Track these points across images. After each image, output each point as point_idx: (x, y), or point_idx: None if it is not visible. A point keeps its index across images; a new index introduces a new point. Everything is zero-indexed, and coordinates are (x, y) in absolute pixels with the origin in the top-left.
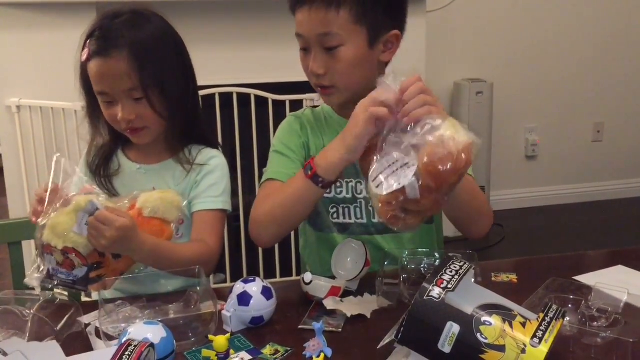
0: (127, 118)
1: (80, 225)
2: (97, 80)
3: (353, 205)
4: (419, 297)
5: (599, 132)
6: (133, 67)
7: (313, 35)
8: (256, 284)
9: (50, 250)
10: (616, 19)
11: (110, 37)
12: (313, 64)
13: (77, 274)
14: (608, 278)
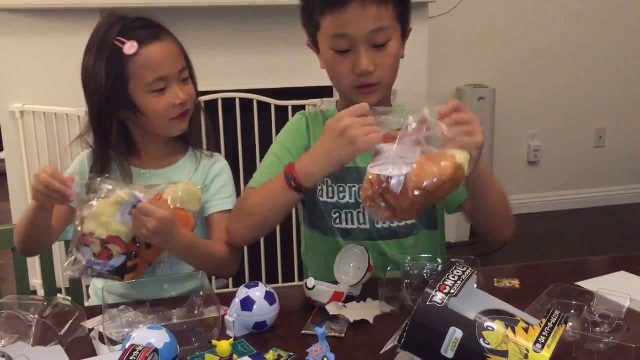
0: (185, 98)
1: (123, 215)
2: (157, 65)
3: (356, 211)
4: (422, 302)
5: (601, 138)
6: (180, 48)
7: (365, 32)
8: (259, 289)
9: (88, 241)
10: (618, 26)
11: (151, 25)
12: (364, 62)
13: (114, 264)
14: (610, 284)
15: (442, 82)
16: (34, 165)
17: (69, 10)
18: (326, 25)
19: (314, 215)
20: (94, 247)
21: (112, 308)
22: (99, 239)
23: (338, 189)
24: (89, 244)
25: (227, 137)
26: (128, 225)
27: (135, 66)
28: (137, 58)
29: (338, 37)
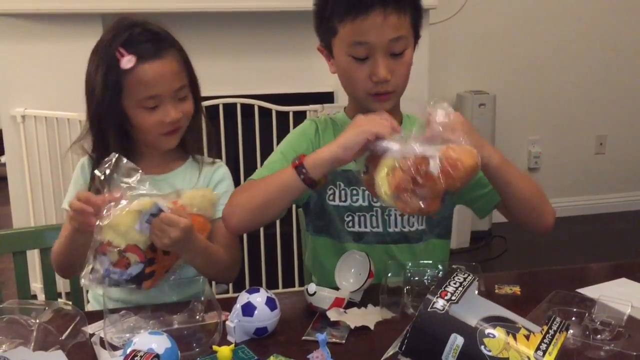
0: (177, 117)
1: (141, 223)
2: (149, 84)
3: (369, 214)
4: (423, 308)
5: (602, 145)
6: (182, 66)
7: (385, 41)
8: (260, 295)
9: (105, 250)
10: (619, 33)
11: (154, 40)
12: (382, 70)
13: (132, 272)
14: (611, 291)
15: (443, 88)
16: (35, 169)
17: (71, 15)
18: (345, 31)
19: (321, 221)
20: (111, 256)
21: (112, 313)
22: (116, 248)
23: (351, 191)
24: (106, 253)
25: (228, 142)
26: (146, 233)
27: (130, 80)
28: (133, 73)
29: (357, 45)
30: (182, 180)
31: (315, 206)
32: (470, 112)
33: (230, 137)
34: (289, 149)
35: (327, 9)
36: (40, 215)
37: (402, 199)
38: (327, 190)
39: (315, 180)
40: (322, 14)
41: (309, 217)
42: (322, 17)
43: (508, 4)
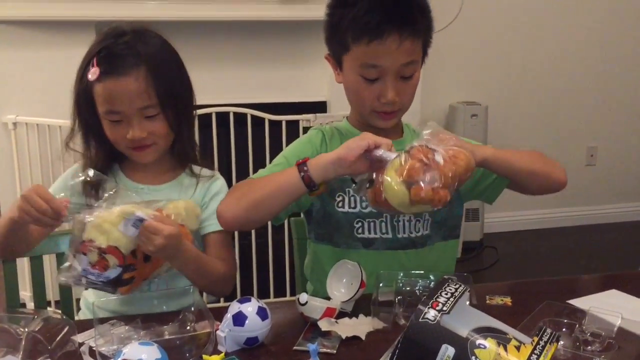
0: (140, 136)
1: (126, 226)
2: (109, 100)
3: (379, 220)
4: (415, 319)
5: (592, 156)
6: (151, 85)
7: (397, 65)
8: (251, 304)
9: (86, 249)
10: (609, 44)
11: (124, 55)
12: (390, 93)
13: (109, 275)
14: (602, 302)
15: (435, 99)
16: (26, 176)
17: (64, 22)
18: (358, 51)
19: (323, 229)
20: (90, 256)
21: (103, 322)
22: (97, 248)
23: (360, 198)
24: (86, 252)
25: (221, 151)
26: (129, 236)
27: (95, 92)
28: (96, 86)
29: (369, 67)
30: (179, 191)
31: (318, 214)
32: (462, 122)
33: (223, 145)
34: (293, 154)
35: (343, 25)
36: None
37: (416, 183)
38: (337, 197)
39: (314, 182)
40: (336, 28)
41: (311, 224)
42: (335, 31)
43: (500, 16)
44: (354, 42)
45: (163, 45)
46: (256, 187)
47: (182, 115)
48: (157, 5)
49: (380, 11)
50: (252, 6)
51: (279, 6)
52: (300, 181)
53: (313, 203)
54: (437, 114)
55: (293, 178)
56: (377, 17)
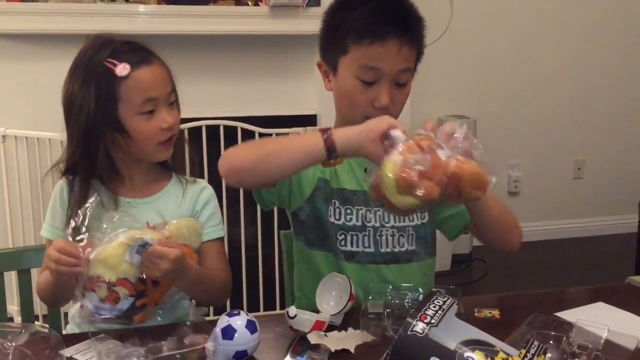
0: (173, 122)
1: (131, 255)
2: (147, 87)
3: (362, 234)
4: (403, 332)
5: (580, 170)
6: (168, 72)
7: (395, 70)
8: (240, 318)
9: (94, 286)
10: (597, 59)
11: (141, 48)
12: (385, 98)
13: (122, 307)
14: (589, 315)
15: (424, 112)
16: (14, 189)
17: (53, 35)
18: (358, 53)
19: (313, 233)
20: (100, 292)
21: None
22: (106, 282)
23: (345, 210)
24: (95, 289)
25: (211, 164)
26: (135, 264)
27: (126, 88)
28: (128, 80)
29: (367, 69)
30: (166, 202)
31: (308, 218)
32: None
33: (213, 159)
34: None
35: (343, 27)
36: (18, 236)
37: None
38: (329, 205)
39: (335, 147)
40: (336, 30)
41: (300, 228)
42: (334, 34)
43: (489, 31)
44: (354, 43)
45: None
46: (268, 141)
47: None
48: (148, 19)
49: (382, 15)
50: (242, 20)
51: (269, 20)
52: (322, 143)
53: (302, 206)
54: None
55: (314, 140)
56: (379, 21)
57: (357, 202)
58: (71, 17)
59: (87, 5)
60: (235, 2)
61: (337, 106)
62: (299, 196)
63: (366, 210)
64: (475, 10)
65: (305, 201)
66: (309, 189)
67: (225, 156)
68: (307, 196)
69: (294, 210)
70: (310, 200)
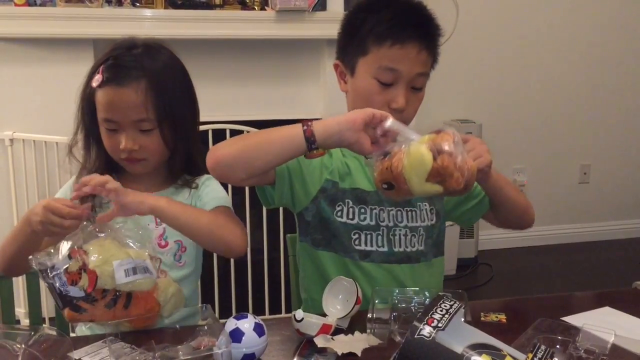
0: (131, 148)
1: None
2: (107, 107)
3: (375, 233)
4: (410, 335)
5: (586, 174)
6: (150, 99)
7: (413, 73)
8: (248, 321)
9: (75, 254)
10: (603, 64)
11: (128, 67)
12: (402, 100)
13: (69, 291)
14: (595, 319)
15: (430, 116)
16: (22, 192)
17: (62, 40)
18: (378, 55)
19: (320, 234)
20: (72, 264)
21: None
22: (83, 262)
23: (359, 210)
24: (73, 257)
25: None
26: (118, 279)
27: (96, 98)
28: (98, 92)
29: (386, 70)
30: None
31: (314, 219)
32: None
33: None
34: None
35: (365, 28)
36: None
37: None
38: (336, 206)
39: (314, 138)
40: (357, 31)
41: (306, 229)
42: (354, 34)
43: (495, 35)
44: (375, 44)
45: (171, 62)
46: (253, 134)
47: (180, 134)
48: (155, 23)
49: (403, 19)
50: (248, 25)
51: (275, 25)
52: (302, 134)
53: (308, 206)
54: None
55: (294, 130)
56: (401, 24)
57: (371, 202)
58: (79, 21)
59: (95, 9)
60: (241, 7)
61: (352, 108)
62: (304, 196)
63: (380, 210)
64: (481, 14)
65: (311, 201)
66: (315, 189)
67: (211, 151)
68: (312, 196)
69: (300, 211)
70: (315, 200)
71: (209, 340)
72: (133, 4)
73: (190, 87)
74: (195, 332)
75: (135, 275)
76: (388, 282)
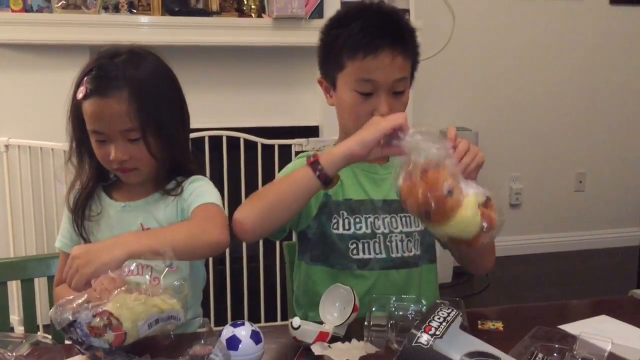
0: (121, 158)
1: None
2: (93, 119)
3: (372, 241)
4: (408, 343)
5: (581, 182)
6: (133, 108)
7: (390, 80)
8: (245, 328)
9: (100, 315)
10: (599, 72)
11: (110, 77)
12: (384, 107)
13: (92, 342)
14: (592, 327)
15: (426, 124)
16: (17, 199)
17: (59, 46)
18: (353, 68)
19: (319, 249)
20: (96, 321)
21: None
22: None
23: (354, 220)
24: (96, 316)
25: (213, 174)
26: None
27: (83, 110)
28: (84, 103)
29: (364, 81)
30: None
31: (315, 235)
32: None
33: (216, 169)
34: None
35: (338, 44)
36: (20, 246)
37: None
38: (332, 219)
39: (329, 177)
40: (331, 48)
41: (306, 246)
42: (330, 51)
43: (490, 44)
44: (349, 58)
45: (156, 69)
46: (270, 190)
47: (166, 141)
48: (151, 30)
49: (373, 29)
50: (245, 32)
51: (272, 32)
52: (316, 180)
53: (310, 225)
54: None
55: (307, 176)
56: (371, 34)
57: (365, 211)
58: (75, 27)
59: (91, 15)
60: (238, 14)
61: (340, 121)
62: (306, 216)
63: (374, 218)
64: (478, 23)
65: (313, 219)
66: (315, 207)
67: (238, 223)
68: (314, 214)
69: (302, 230)
70: (317, 217)
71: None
72: (130, 11)
73: (177, 93)
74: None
75: (158, 325)
76: (387, 288)
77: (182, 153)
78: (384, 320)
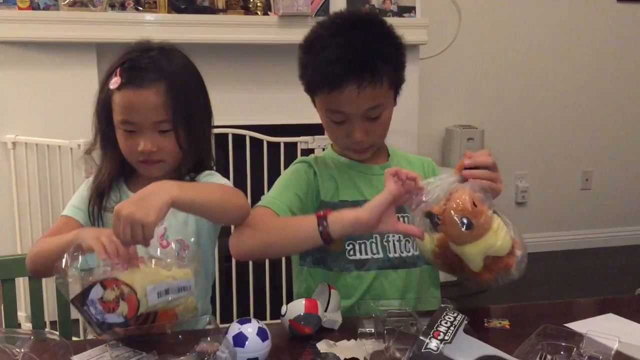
0: (150, 149)
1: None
2: (126, 109)
3: (369, 241)
4: (417, 349)
5: (588, 181)
6: (168, 100)
7: (360, 110)
8: (252, 325)
9: (110, 285)
10: (605, 70)
11: (147, 69)
12: (358, 134)
13: (107, 319)
14: (599, 326)
15: (432, 122)
16: (24, 196)
17: (65, 44)
18: (322, 99)
19: (320, 252)
20: (108, 294)
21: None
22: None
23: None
24: (107, 287)
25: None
26: (151, 301)
27: (114, 101)
28: (116, 94)
29: (333, 112)
30: None
31: None
32: (458, 146)
33: (222, 167)
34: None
35: (306, 76)
36: (27, 243)
37: None
38: None
39: (331, 237)
40: (304, 72)
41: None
42: (303, 75)
43: (496, 41)
44: (318, 89)
45: (186, 65)
46: (274, 226)
47: (194, 137)
48: (157, 28)
49: (339, 63)
50: (251, 29)
51: (278, 30)
52: (318, 234)
53: None
54: (434, 137)
55: (311, 229)
56: (336, 70)
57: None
58: (82, 25)
59: (98, 13)
60: (244, 12)
61: (327, 133)
62: None
63: None
64: (484, 21)
65: None
66: (312, 212)
67: (232, 245)
68: None
69: None
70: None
71: (211, 346)
72: (136, 9)
73: (205, 90)
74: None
75: (168, 295)
76: (386, 289)
77: (205, 149)
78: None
